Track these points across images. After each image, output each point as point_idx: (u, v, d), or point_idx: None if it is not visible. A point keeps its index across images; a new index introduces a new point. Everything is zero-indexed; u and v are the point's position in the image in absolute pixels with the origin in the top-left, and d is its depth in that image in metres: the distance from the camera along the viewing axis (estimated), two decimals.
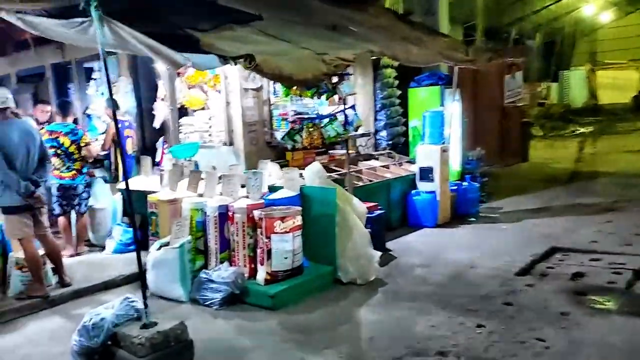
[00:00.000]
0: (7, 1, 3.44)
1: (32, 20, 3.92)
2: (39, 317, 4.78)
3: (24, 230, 4.82)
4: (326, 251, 5.29)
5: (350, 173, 6.24)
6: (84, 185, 6.38)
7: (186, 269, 5.03)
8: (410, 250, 6.38)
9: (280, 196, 5.27)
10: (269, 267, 4.82)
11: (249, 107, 6.84)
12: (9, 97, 4.79)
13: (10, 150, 4.64)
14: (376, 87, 9.30)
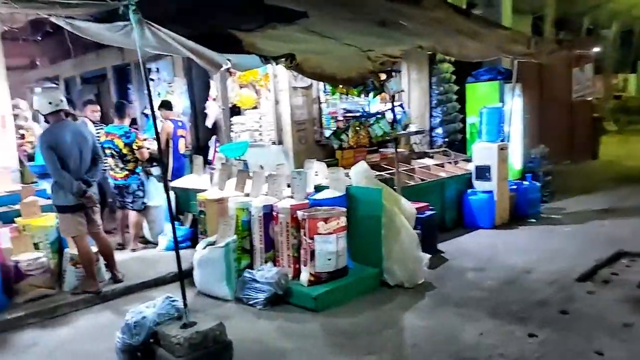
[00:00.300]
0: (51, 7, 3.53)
1: (80, 25, 4.02)
2: (90, 312, 4.93)
3: (78, 229, 4.99)
4: (372, 253, 5.15)
5: (399, 172, 6.04)
6: (137, 184, 6.57)
7: (231, 268, 5.04)
8: (463, 253, 6.13)
9: (325, 196, 5.18)
10: (313, 268, 4.74)
11: (298, 106, 6.79)
12: (63, 99, 4.96)
13: (63, 151, 4.81)
14: (432, 82, 9.02)
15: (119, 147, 6.39)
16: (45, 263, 5.05)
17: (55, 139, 4.80)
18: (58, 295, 5.10)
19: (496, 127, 7.47)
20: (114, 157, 6.45)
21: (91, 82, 11.00)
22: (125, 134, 6.44)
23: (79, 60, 10.55)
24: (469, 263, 5.73)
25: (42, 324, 4.70)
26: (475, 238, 6.80)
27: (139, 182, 6.61)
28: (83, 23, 3.95)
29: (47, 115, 4.93)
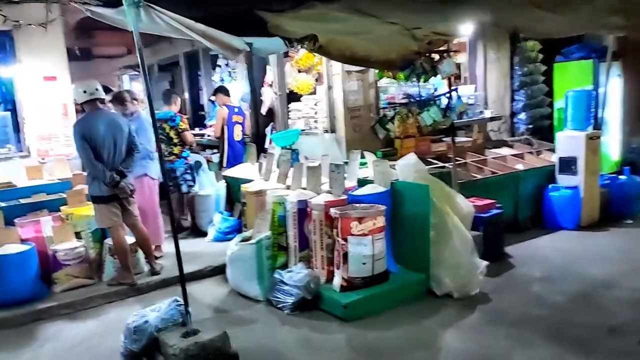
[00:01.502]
0: None
1: (96, 10, 3.83)
2: (123, 304, 4.83)
3: (112, 219, 4.89)
4: (419, 257, 4.58)
5: (455, 166, 5.36)
6: (183, 168, 6.60)
7: (263, 267, 4.71)
8: (534, 259, 5.34)
9: (366, 192, 4.67)
10: (346, 272, 4.28)
11: (352, 91, 6.27)
12: (99, 88, 4.86)
13: (96, 142, 4.70)
14: (514, 62, 8.07)
15: (166, 132, 6.47)
16: (83, 253, 5.03)
17: (88, 128, 4.70)
18: (95, 286, 5.07)
19: (585, 113, 6.48)
20: (162, 142, 6.46)
21: (166, 69, 11.17)
22: (170, 118, 6.50)
23: (156, 48, 10.73)
24: (538, 272, 4.96)
25: (73, 315, 4.66)
26: (554, 241, 5.94)
27: (186, 166, 6.63)
28: (98, 8, 3.75)
29: (82, 104, 4.86)
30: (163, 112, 6.55)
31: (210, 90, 9.41)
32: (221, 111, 7.11)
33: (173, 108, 6.55)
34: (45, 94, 6.67)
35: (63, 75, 6.85)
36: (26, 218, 5.19)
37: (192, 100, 10.26)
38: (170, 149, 6.48)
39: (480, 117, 7.25)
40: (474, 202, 5.38)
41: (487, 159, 6.81)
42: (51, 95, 6.69)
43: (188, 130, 6.69)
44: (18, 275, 4.64)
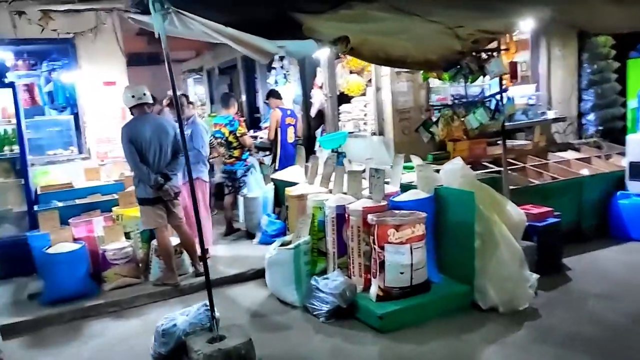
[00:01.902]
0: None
1: (136, 17, 3.90)
2: (165, 305, 4.91)
3: (157, 221, 5.00)
4: (463, 267, 4.35)
5: (507, 172, 5.04)
6: (243, 170, 6.78)
7: (301, 273, 4.64)
8: (595, 272, 4.94)
9: (408, 198, 4.49)
10: (382, 281, 4.12)
11: (401, 92, 6.08)
12: (146, 93, 4.97)
13: (142, 145, 4.82)
14: (583, 59, 7.54)
15: (225, 135, 6.65)
16: (130, 253, 5.17)
17: (135, 132, 4.83)
18: (141, 285, 5.20)
19: None
20: (222, 145, 6.75)
21: (226, 72, 11.39)
22: (229, 123, 6.67)
23: (217, 52, 10.96)
24: (598, 287, 4.57)
25: (119, 313, 4.79)
26: (620, 253, 5.47)
27: (245, 168, 6.81)
28: (137, 15, 3.82)
29: (131, 108, 5.00)
30: (222, 116, 6.75)
31: (265, 93, 9.48)
32: (275, 114, 7.16)
33: (231, 111, 6.71)
34: (105, 99, 6.95)
35: (122, 80, 7.11)
36: (80, 218, 5.41)
37: (248, 103, 10.39)
38: (230, 152, 6.67)
39: (542, 119, 6.83)
40: (529, 210, 5.06)
41: (548, 163, 6.40)
42: (110, 100, 6.96)
43: (246, 134, 6.83)
44: (69, 273, 4.83)
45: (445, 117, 4.48)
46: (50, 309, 4.73)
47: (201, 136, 5.64)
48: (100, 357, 4.02)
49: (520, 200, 5.26)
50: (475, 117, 4.34)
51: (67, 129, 6.94)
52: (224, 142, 6.68)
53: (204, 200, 5.83)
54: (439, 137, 4.69)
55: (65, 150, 6.83)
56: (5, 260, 5.10)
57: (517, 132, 6.68)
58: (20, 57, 6.99)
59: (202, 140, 5.63)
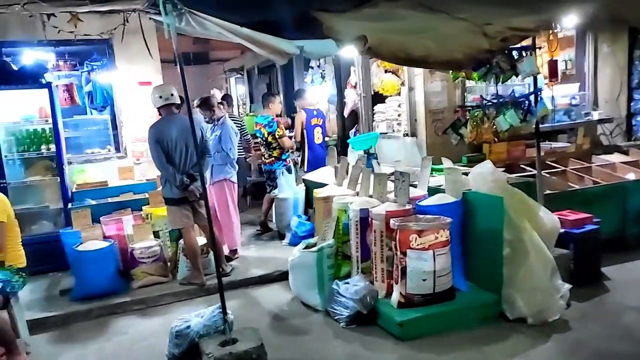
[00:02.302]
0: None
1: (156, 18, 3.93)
2: (191, 304, 4.94)
3: (184, 221, 5.04)
4: (491, 276, 4.16)
5: (541, 176, 4.79)
6: (282, 170, 6.73)
7: (324, 276, 4.57)
8: (636, 283, 4.66)
9: (434, 202, 4.33)
10: (404, 288, 3.99)
11: (435, 92, 5.89)
12: (174, 93, 5.02)
13: (168, 145, 4.86)
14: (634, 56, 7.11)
15: (265, 136, 6.67)
16: (158, 252, 5.23)
17: (161, 132, 4.88)
18: (169, 284, 5.26)
19: None
20: (262, 145, 6.82)
21: (265, 72, 11.42)
22: (268, 124, 6.66)
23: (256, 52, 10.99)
24: (636, 299, 4.29)
25: (144, 311, 4.86)
26: None
27: (284, 168, 6.78)
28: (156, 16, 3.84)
29: (159, 108, 5.05)
30: (262, 116, 6.78)
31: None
32: (299, 115, 7.10)
33: (271, 111, 6.72)
34: (140, 98, 7.05)
35: (157, 79, 7.18)
36: (111, 216, 5.52)
37: (286, 103, 10.38)
38: (270, 152, 6.68)
39: (585, 120, 6.49)
40: (566, 216, 4.81)
41: (591, 166, 6.07)
42: (145, 100, 7.04)
43: (285, 136, 6.76)
44: (98, 270, 4.93)
45: (475, 118, 4.30)
46: (79, 305, 4.85)
47: (230, 138, 5.65)
48: (121, 354, 4.09)
49: (558, 206, 5.02)
50: (505, 119, 4.14)
51: (105, 128, 7.10)
52: (264, 142, 6.72)
53: (232, 202, 5.83)
54: (469, 140, 4.50)
55: (102, 149, 6.99)
56: (41, 256, 5.24)
57: (559, 133, 6.37)
58: (61, 57, 7.20)
59: (230, 142, 5.64)
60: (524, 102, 4.45)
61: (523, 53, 4.09)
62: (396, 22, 3.73)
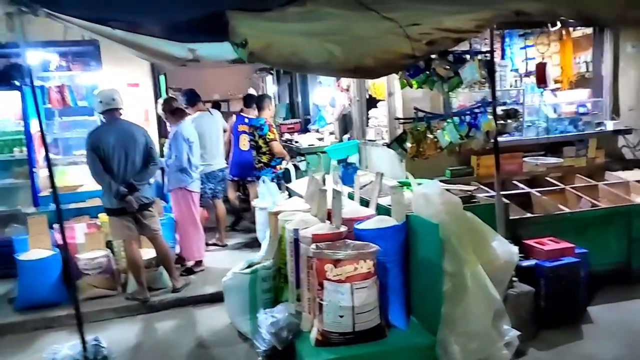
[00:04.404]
0: None
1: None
2: (132, 320, 4.72)
3: (125, 232, 4.80)
4: (432, 314, 3.59)
5: (500, 196, 4.12)
6: (270, 177, 6.46)
7: (258, 301, 4.17)
8: (625, 327, 3.94)
9: (370, 226, 3.80)
10: (321, 324, 3.51)
11: (415, 98, 5.29)
12: (116, 98, 4.78)
13: (105, 153, 4.63)
14: None
15: (255, 139, 6.53)
16: (104, 263, 5.03)
17: (98, 139, 4.65)
18: (115, 298, 5.04)
19: None
20: (253, 149, 6.67)
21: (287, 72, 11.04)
22: (260, 127, 6.49)
23: None
24: (613, 350, 3.61)
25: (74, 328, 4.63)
26: None
27: (273, 175, 6.56)
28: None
29: (101, 113, 4.84)
30: (255, 119, 6.60)
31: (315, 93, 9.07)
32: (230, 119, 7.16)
33: (265, 114, 6.55)
34: (128, 100, 6.92)
35: (145, 81, 7.07)
36: (69, 223, 5.35)
37: (303, 104, 10.00)
38: (259, 157, 6.53)
39: (597, 130, 5.66)
40: (542, 246, 4.14)
41: (598, 185, 5.26)
42: (133, 101, 6.93)
43: (276, 141, 6.59)
44: (39, 280, 4.80)
45: (415, 132, 3.73)
46: (18, 316, 4.74)
47: (177, 145, 5.35)
48: None
49: (540, 233, 4.37)
50: (445, 134, 3.55)
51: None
52: (255, 146, 6.56)
53: (190, 212, 5.52)
54: (409, 155, 3.93)
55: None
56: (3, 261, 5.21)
57: (566, 145, 5.57)
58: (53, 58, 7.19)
59: (177, 150, 5.34)
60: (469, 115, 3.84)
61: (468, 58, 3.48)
62: (310, 23, 3.26)
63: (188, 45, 3.20)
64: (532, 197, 5.01)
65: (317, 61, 2.99)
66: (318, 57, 3.00)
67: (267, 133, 6.47)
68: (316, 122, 8.87)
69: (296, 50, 2.98)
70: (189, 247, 5.57)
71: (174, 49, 3.18)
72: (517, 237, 4.32)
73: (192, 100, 6.44)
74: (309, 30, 3.12)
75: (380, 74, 3.48)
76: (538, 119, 5.33)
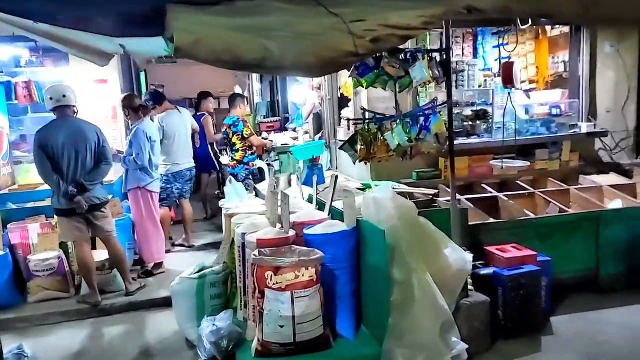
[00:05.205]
0: None
1: None
2: (81, 325, 4.53)
3: (75, 234, 4.63)
4: (380, 324, 3.42)
5: (455, 200, 3.94)
6: (244, 174, 6.59)
7: (206, 307, 4.00)
8: (584, 340, 3.75)
9: (319, 231, 3.62)
10: (261, 333, 3.34)
11: (381, 98, 5.11)
12: (67, 95, 4.61)
13: (53, 152, 4.45)
14: None
15: (230, 136, 6.58)
16: (55, 265, 4.86)
17: (46, 138, 4.48)
18: (66, 301, 4.87)
19: None
20: (227, 147, 6.79)
21: None
22: (233, 124, 6.56)
23: None
24: None
25: (24, 331, 4.47)
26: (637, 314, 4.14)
27: (247, 172, 6.63)
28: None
29: (52, 111, 4.66)
30: (229, 117, 6.67)
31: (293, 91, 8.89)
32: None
33: (237, 112, 6.60)
34: (96, 97, 6.77)
35: (113, 78, 6.89)
36: (23, 223, 5.18)
37: (282, 102, 9.83)
38: (232, 155, 6.62)
39: (571, 133, 5.49)
40: (502, 254, 3.97)
41: (569, 189, 5.09)
42: (101, 98, 6.78)
43: (254, 135, 6.74)
44: None
45: (364, 134, 3.56)
46: None
47: (139, 143, 5.18)
48: None
49: (503, 239, 4.20)
50: (393, 136, 3.38)
51: None
52: (228, 143, 6.63)
53: (149, 212, 5.35)
54: (359, 157, 3.75)
55: None
56: None
57: (538, 148, 5.40)
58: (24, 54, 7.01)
59: (139, 148, 5.17)
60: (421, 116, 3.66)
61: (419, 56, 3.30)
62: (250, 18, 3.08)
63: (119, 41, 3.02)
64: (500, 201, 4.84)
65: (251, 57, 2.83)
66: (252, 53, 2.84)
67: (244, 129, 6.54)
68: (294, 121, 8.71)
69: (229, 47, 2.82)
70: (149, 249, 5.40)
71: (104, 43, 3.01)
72: (479, 244, 4.16)
73: (158, 100, 6.29)
74: (245, 25, 2.95)
75: (322, 72, 3.34)
76: (508, 120, 5.15)
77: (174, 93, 16.55)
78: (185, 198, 6.43)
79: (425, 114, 3.50)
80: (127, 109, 5.38)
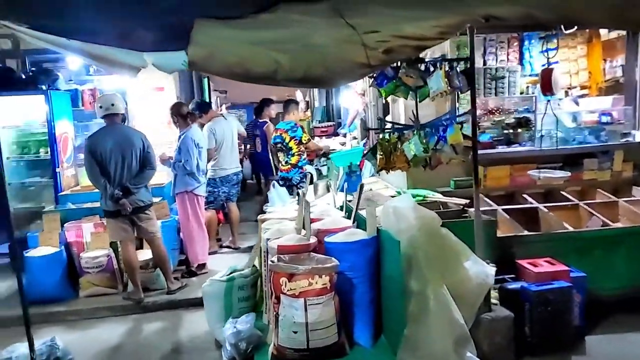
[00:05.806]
0: None
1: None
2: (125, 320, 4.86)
3: (121, 234, 4.93)
4: (395, 334, 3.42)
5: (479, 212, 3.82)
6: (299, 178, 6.69)
7: (234, 309, 4.14)
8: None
9: (340, 240, 3.66)
10: (277, 338, 3.42)
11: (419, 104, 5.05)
12: (115, 103, 4.91)
13: (102, 157, 4.77)
14: None
15: (286, 141, 6.65)
16: (104, 262, 5.19)
17: (95, 144, 4.81)
18: (114, 296, 5.19)
19: None
20: (282, 151, 6.82)
21: None
22: (291, 129, 6.67)
23: None
24: None
25: (73, 323, 4.84)
26: None
27: (301, 175, 6.73)
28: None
29: (102, 118, 4.99)
30: (284, 122, 6.84)
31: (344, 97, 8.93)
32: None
33: (291, 117, 6.76)
34: (154, 104, 7.15)
35: (169, 86, 7.26)
36: (79, 222, 5.57)
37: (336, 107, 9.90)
38: (287, 159, 6.68)
39: (623, 141, 5.18)
40: (533, 268, 3.84)
41: (618, 202, 4.82)
42: (158, 105, 7.14)
43: (311, 140, 7.02)
44: (42, 276, 5.01)
45: (384, 144, 3.55)
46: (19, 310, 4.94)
47: (187, 149, 5.43)
48: None
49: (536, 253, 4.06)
50: (410, 146, 3.35)
51: None
52: (284, 147, 6.70)
53: (195, 215, 5.60)
54: (379, 166, 3.75)
55: None
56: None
57: (587, 157, 5.14)
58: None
59: (183, 154, 5.42)
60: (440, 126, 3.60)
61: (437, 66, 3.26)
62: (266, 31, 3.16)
63: (146, 55, 3.22)
64: (540, 212, 4.66)
65: (262, 70, 2.92)
66: (264, 66, 2.93)
67: (302, 135, 6.67)
68: (344, 126, 8.76)
69: (241, 60, 2.93)
70: (193, 250, 5.65)
71: (131, 58, 3.21)
72: (510, 257, 4.04)
73: (204, 108, 6.56)
74: (258, 38, 3.04)
75: (334, 84, 3.38)
76: (552, 128, 4.95)
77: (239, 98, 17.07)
78: (232, 201, 6.65)
79: (444, 124, 3.45)
80: (175, 116, 5.65)
